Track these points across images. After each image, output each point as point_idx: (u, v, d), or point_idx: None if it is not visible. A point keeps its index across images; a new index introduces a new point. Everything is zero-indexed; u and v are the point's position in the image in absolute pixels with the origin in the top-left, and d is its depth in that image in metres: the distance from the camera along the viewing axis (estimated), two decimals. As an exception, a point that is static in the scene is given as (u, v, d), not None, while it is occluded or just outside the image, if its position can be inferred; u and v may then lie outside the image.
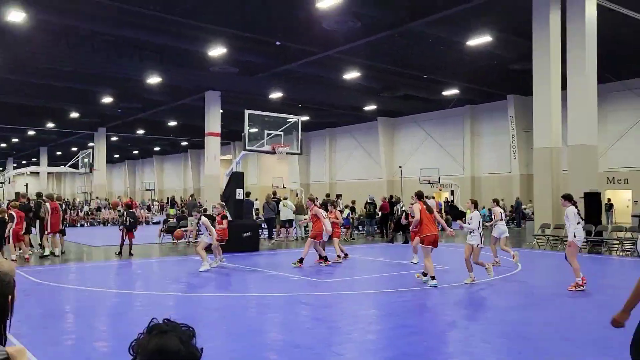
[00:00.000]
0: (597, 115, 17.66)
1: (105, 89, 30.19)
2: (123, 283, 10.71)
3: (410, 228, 11.72)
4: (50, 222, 14.37)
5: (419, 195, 10.17)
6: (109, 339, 6.30)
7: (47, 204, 14.73)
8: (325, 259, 12.93)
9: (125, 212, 15.33)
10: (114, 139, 49.79)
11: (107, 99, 32.34)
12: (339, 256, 13.51)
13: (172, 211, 34.24)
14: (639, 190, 27.75)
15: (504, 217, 12.97)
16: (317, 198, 14.21)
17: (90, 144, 45.05)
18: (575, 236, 9.43)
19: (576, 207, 9.68)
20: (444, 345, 6.04)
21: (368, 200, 22.45)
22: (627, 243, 15.48)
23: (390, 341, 6.12)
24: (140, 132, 45.11)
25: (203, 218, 12.37)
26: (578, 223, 9.56)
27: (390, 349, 5.80)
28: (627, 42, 24.65)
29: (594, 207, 16.48)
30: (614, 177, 28.46)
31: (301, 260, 12.40)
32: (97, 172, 42.82)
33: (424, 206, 9.88)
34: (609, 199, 27.49)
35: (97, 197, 38.34)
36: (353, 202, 23.25)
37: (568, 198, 9.83)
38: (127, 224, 14.87)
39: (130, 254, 14.78)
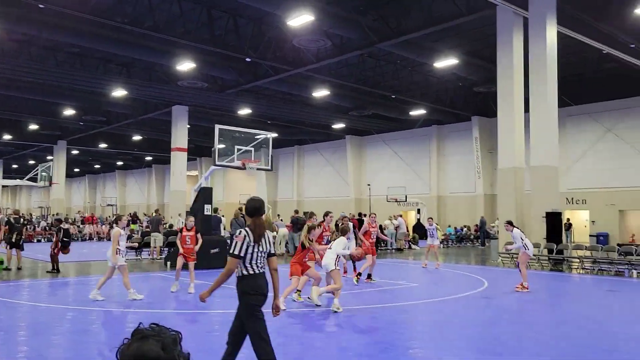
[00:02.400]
0: (558, 138, 18.24)
1: (67, 101, 29.48)
2: (82, 299, 10.33)
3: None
4: None
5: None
6: (69, 356, 6.04)
7: None
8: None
9: (59, 229, 14.76)
10: (75, 152, 48.51)
11: (69, 112, 31.57)
12: None
13: (133, 227, 33.46)
14: (596, 210, 28.71)
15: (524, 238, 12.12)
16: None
17: (49, 157, 43.77)
18: (527, 248, 11.30)
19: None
20: (417, 361, 6.04)
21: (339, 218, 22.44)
22: (586, 261, 15.93)
23: (364, 357, 6.07)
24: (103, 145, 44.11)
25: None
26: (522, 240, 11.35)
27: (364, 365, 5.75)
28: (585, 68, 25.74)
29: (555, 226, 16.92)
30: (572, 198, 29.38)
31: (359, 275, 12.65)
32: (56, 186, 41.56)
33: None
34: (568, 219, 28.32)
35: (57, 213, 37.11)
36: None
37: (511, 223, 11.83)
38: (61, 241, 14.37)
39: (58, 270, 14.30)
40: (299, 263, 9.15)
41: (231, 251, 4.52)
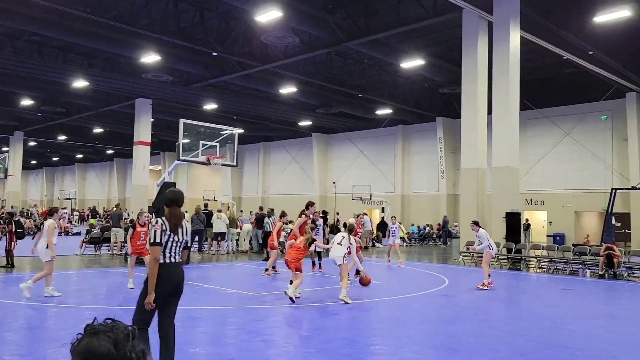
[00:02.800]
0: (519, 140, 18.71)
1: (25, 91, 28.51)
2: (38, 296, 10.03)
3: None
4: None
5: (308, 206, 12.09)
6: (23, 352, 5.85)
7: None
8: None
9: (9, 222, 14.34)
10: (32, 144, 47.00)
11: (27, 102, 30.55)
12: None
13: (92, 221, 32.69)
14: (553, 211, 29.61)
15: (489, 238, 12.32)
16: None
17: (5, 148, 42.27)
18: (491, 248, 11.54)
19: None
20: (378, 357, 6.10)
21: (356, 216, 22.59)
22: (543, 261, 16.42)
23: (325, 354, 6.10)
24: (62, 137, 42.85)
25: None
26: (488, 240, 11.68)
27: (326, 361, 5.78)
28: (546, 73, 26.48)
29: (514, 226, 17.37)
30: (531, 199, 30.21)
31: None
32: (12, 178, 40.19)
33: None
34: (527, 219, 29.10)
35: (12, 207, 35.85)
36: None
37: (477, 224, 11.90)
38: (15, 233, 14.04)
39: (13, 265, 13.97)
40: (299, 258, 9.56)
41: (151, 240, 4.67)
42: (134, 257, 11.03)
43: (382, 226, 30.14)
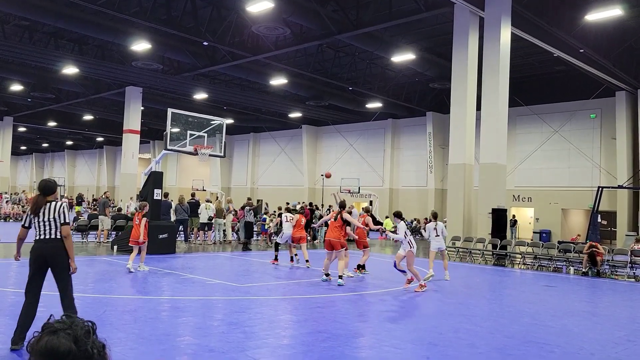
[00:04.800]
0: (507, 136, 18.83)
1: (15, 76, 28.23)
2: (23, 282, 10.01)
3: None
4: None
5: (342, 205, 11.54)
6: (5, 340, 5.87)
7: None
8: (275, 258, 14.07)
9: None
10: (22, 129, 46.58)
11: (16, 87, 30.27)
12: (307, 260, 13.73)
13: (77, 209, 32.47)
14: (540, 208, 29.88)
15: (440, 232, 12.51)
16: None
17: (-6, 134, 41.82)
18: (411, 247, 10.40)
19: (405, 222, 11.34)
20: (357, 351, 6.17)
21: (291, 207, 22.48)
22: (528, 257, 16.60)
23: (305, 346, 6.17)
24: (52, 124, 42.51)
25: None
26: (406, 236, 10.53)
27: (305, 354, 5.84)
28: (536, 70, 26.62)
29: (500, 223, 17.52)
30: (519, 195, 30.45)
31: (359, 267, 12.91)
32: (1, 163, 39.86)
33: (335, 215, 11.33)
34: (514, 216, 29.35)
35: (4, 192, 35.55)
36: (280, 209, 23.22)
37: (398, 215, 11.12)
38: None
39: None
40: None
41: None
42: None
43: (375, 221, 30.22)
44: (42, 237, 5.58)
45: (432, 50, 23.73)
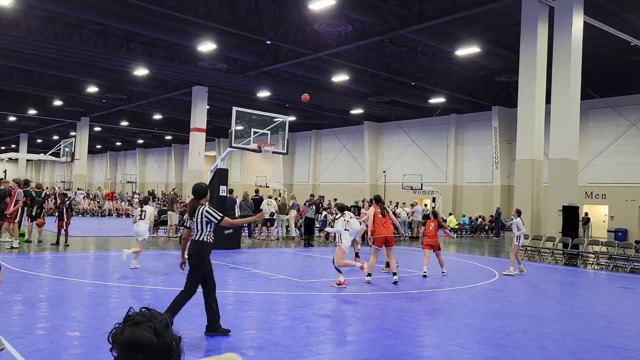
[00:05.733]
0: (579, 131, 17.98)
1: (90, 79, 29.84)
2: (100, 274, 10.61)
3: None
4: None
5: (377, 200, 11.12)
6: (83, 328, 6.24)
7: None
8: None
9: (64, 202, 14.98)
10: (97, 129, 49.21)
11: (92, 89, 31.99)
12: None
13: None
14: (615, 205, 28.31)
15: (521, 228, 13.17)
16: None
17: (73, 133, 44.44)
18: (342, 242, 10.06)
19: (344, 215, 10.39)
20: (421, 350, 6.10)
21: (353, 204, 22.53)
22: (602, 257, 15.78)
23: (369, 343, 6.17)
24: (124, 123, 44.67)
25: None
26: (346, 230, 10.15)
27: (368, 351, 5.84)
28: (610, 60, 25.20)
29: (571, 221, 16.76)
30: (592, 192, 28.99)
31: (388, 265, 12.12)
32: (79, 161, 42.30)
33: (379, 209, 10.72)
34: (586, 213, 27.98)
35: (78, 189, 37.79)
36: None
37: (341, 208, 10.63)
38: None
39: (66, 244, 14.59)
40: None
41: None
42: None
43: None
44: (193, 237, 6.19)
45: (498, 42, 22.98)
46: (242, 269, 11.89)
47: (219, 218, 6.13)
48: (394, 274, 10.60)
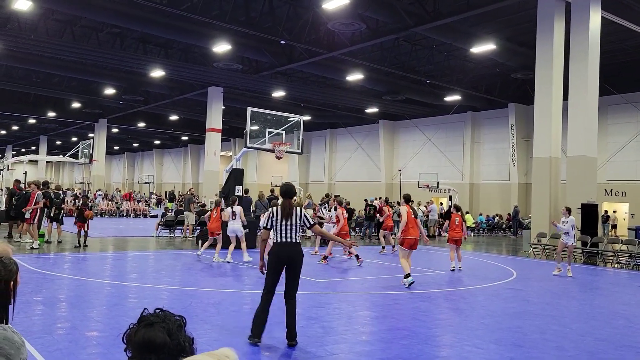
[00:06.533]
0: (597, 127, 17.73)
1: (108, 81, 30.23)
2: (118, 274, 10.74)
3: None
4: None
5: (407, 199, 10.70)
6: (101, 328, 6.33)
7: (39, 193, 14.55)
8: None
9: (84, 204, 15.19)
10: (115, 130, 49.80)
11: (110, 91, 32.39)
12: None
13: (170, 205, 34.27)
14: (636, 203, 27.84)
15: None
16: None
17: (91, 135, 45.04)
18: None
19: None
20: (437, 350, 6.08)
21: (368, 203, 22.52)
22: (622, 255, 15.55)
23: (384, 343, 6.16)
24: (141, 124, 45.15)
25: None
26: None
27: (384, 351, 5.84)
28: (629, 56, 24.79)
29: (590, 219, 16.54)
30: (612, 190, 28.55)
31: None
32: (97, 163, 42.84)
33: (411, 209, 10.38)
34: (606, 211, 27.58)
35: (98, 190, 38.31)
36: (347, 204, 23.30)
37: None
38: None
39: (85, 245, 14.71)
40: None
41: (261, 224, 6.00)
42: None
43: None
44: (285, 240, 5.89)
45: (514, 39, 22.74)
46: (257, 268, 11.93)
47: (312, 223, 6.05)
48: (408, 275, 10.23)
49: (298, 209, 5.93)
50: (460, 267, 12.61)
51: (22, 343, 1.76)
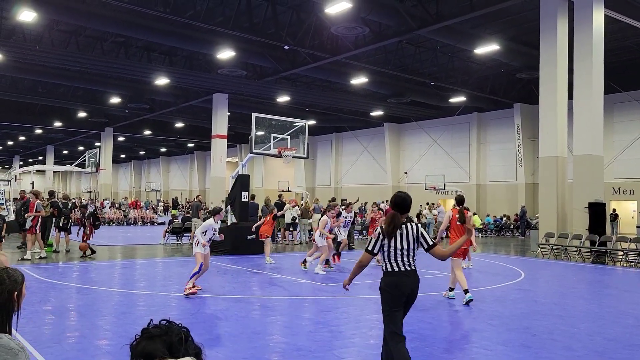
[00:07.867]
0: (603, 126, 17.65)
1: (113, 90, 30.44)
2: (127, 282, 10.79)
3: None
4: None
5: (458, 201, 9.30)
6: (110, 337, 6.36)
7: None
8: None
9: (89, 216, 15.02)
10: (121, 139, 50.07)
11: (115, 100, 32.59)
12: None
13: (174, 212, 34.36)
14: (644, 201, 27.66)
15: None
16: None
17: (97, 144, 45.32)
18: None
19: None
20: (446, 352, 6.07)
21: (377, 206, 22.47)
22: (631, 254, 15.45)
23: (392, 346, 6.15)
24: (147, 132, 45.39)
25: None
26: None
27: (392, 354, 5.83)
28: (634, 53, 24.68)
29: (598, 218, 16.45)
30: (619, 188, 28.38)
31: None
32: (103, 171, 43.08)
33: (458, 215, 9.03)
34: (614, 210, 27.41)
35: (105, 199, 38.50)
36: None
37: (214, 212, 9.85)
38: (94, 225, 14.90)
39: (87, 253, 14.56)
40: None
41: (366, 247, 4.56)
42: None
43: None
44: (402, 269, 4.47)
45: (517, 39, 22.71)
46: (265, 274, 11.97)
47: (431, 243, 4.50)
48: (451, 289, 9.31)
49: (413, 225, 4.50)
50: (470, 265, 12.87)
51: (21, 349, 1.78)
